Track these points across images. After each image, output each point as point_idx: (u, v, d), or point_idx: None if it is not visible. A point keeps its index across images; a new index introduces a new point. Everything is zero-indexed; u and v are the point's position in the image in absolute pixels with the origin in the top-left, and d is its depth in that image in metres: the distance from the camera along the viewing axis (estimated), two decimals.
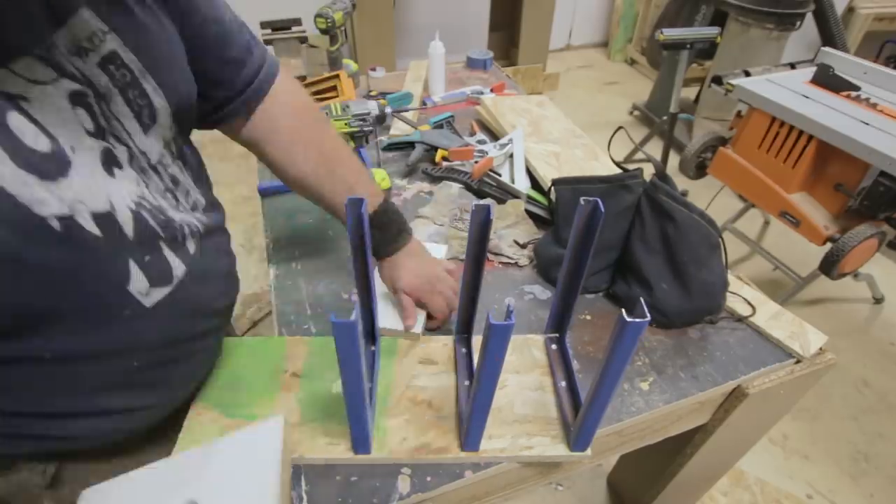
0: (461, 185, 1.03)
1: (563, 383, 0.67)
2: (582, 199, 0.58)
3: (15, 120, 0.37)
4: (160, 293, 0.49)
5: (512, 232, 0.91)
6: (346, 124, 0.92)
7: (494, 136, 1.20)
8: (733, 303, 0.79)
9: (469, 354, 0.70)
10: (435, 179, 1.06)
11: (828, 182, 1.57)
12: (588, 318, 0.79)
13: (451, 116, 1.24)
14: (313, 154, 0.68)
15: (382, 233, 0.70)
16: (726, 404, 0.76)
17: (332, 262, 0.88)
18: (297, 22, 1.39)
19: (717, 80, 1.74)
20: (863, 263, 1.57)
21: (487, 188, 1.02)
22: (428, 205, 0.98)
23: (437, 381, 0.68)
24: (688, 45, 2.06)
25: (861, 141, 1.37)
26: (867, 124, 1.45)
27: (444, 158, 1.08)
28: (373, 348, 0.70)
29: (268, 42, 1.37)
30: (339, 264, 0.87)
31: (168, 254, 0.50)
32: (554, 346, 0.72)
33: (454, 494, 0.60)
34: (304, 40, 1.37)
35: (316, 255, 0.89)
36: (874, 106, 1.53)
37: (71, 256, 0.41)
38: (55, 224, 0.38)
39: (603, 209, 0.57)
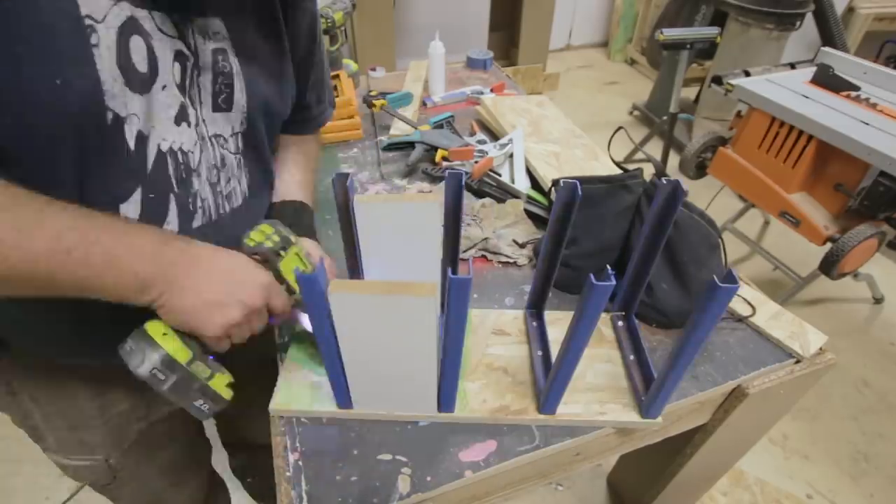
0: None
1: (632, 357, 0.70)
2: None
3: (136, 42, 0.48)
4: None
5: (511, 231, 0.91)
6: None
7: (494, 136, 1.20)
8: (733, 303, 0.79)
9: (541, 327, 0.74)
10: (435, 179, 1.06)
11: (828, 182, 1.57)
12: None
13: (452, 116, 1.24)
14: (294, 181, 0.78)
15: (296, 216, 0.76)
16: (726, 404, 0.76)
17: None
18: None
19: (717, 80, 1.74)
20: (863, 263, 1.57)
21: (487, 188, 1.02)
22: None
23: (511, 350, 0.72)
24: (688, 45, 2.06)
25: (861, 141, 1.37)
26: (867, 124, 1.45)
27: (445, 158, 1.08)
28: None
29: None
30: (338, 264, 0.87)
31: (172, 206, 0.55)
32: (621, 323, 0.76)
33: (454, 494, 0.60)
34: None
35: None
36: (874, 106, 1.53)
37: (103, 148, 0.48)
38: (109, 117, 0.47)
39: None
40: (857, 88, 1.60)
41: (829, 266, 1.52)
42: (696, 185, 2.08)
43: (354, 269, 0.68)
